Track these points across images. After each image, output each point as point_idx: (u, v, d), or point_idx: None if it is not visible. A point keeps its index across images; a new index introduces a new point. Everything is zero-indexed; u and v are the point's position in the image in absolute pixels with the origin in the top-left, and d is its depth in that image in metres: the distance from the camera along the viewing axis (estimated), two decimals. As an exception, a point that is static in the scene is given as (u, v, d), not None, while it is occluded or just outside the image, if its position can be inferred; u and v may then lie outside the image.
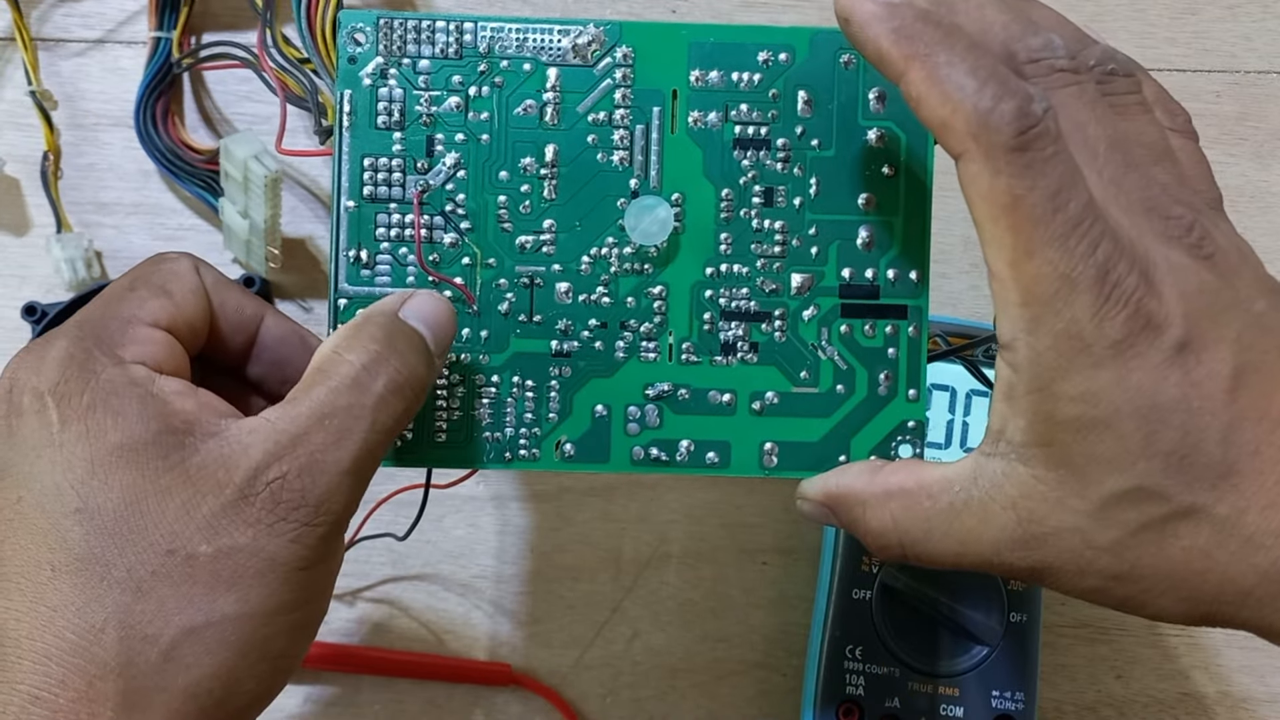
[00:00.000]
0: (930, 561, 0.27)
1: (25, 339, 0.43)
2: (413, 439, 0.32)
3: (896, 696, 0.42)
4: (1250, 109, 0.49)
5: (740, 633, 0.46)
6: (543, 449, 0.32)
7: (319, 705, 0.44)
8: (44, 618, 0.25)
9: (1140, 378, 0.24)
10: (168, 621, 0.25)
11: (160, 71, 0.44)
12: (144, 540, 0.25)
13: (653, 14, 0.48)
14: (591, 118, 0.32)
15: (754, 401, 0.32)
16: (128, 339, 0.27)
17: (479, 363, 0.32)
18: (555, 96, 0.31)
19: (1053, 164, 0.24)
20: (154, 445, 0.26)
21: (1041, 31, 0.27)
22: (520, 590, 0.46)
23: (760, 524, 0.46)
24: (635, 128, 0.31)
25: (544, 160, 0.31)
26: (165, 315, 0.28)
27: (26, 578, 0.25)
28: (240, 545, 0.25)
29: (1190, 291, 0.25)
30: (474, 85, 0.31)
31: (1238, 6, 0.49)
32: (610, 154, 0.32)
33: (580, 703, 0.45)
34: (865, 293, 0.32)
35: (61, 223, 0.45)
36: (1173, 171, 0.27)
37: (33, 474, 0.25)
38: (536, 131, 0.31)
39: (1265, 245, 0.48)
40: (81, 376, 0.26)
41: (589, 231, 0.32)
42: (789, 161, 0.32)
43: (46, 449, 0.26)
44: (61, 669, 0.24)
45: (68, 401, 0.26)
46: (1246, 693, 0.46)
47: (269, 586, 0.25)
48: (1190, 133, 0.29)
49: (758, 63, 0.31)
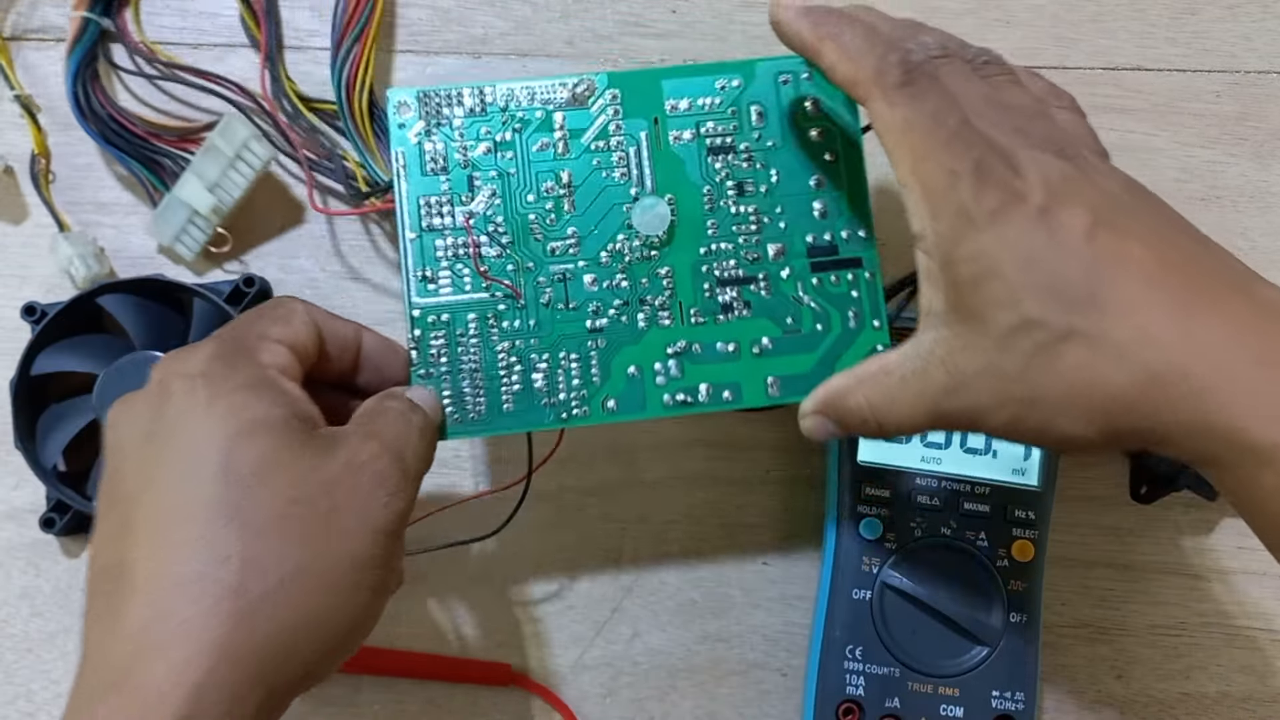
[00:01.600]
0: (898, 429, 0.33)
1: (25, 339, 0.43)
2: (485, 412, 0.38)
3: (896, 696, 0.42)
4: (1250, 109, 0.49)
5: (740, 633, 0.46)
6: (591, 407, 0.38)
7: (319, 705, 0.44)
8: (167, 554, 0.29)
9: (1013, 234, 0.30)
10: (283, 558, 0.30)
11: (90, 52, 0.45)
12: (273, 492, 0.30)
13: (653, 14, 0.48)
14: (594, 146, 0.39)
15: (753, 347, 0.39)
16: (261, 350, 0.33)
17: (531, 345, 0.38)
18: (563, 134, 0.39)
19: (932, 93, 0.32)
20: (286, 423, 0.31)
21: (924, 34, 0.35)
22: (520, 590, 0.46)
23: (760, 524, 0.46)
24: (629, 149, 0.39)
25: (561, 183, 0.39)
26: (287, 337, 0.34)
27: (160, 521, 0.30)
28: (349, 506, 0.31)
29: (1052, 176, 0.31)
30: (499, 133, 0.39)
31: (1238, 6, 0.49)
32: (612, 171, 0.39)
33: (580, 703, 0.45)
34: (827, 251, 0.39)
35: (61, 223, 0.45)
36: (1048, 124, 0.33)
37: (177, 438, 0.31)
38: (553, 162, 0.39)
39: (1265, 245, 0.48)
40: (227, 367, 0.32)
41: (604, 232, 0.39)
42: (752, 160, 0.39)
43: (192, 418, 0.31)
44: (171, 600, 0.29)
45: (215, 383, 0.31)
46: (1246, 693, 0.46)
47: (366, 540, 0.31)
48: (1076, 109, 0.35)
49: (716, 89, 0.40)
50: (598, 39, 0.48)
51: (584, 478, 0.46)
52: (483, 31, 0.48)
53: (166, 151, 0.45)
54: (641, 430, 0.46)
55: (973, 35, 0.48)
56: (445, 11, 0.48)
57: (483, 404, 0.38)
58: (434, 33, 0.48)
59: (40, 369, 0.43)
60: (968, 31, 0.48)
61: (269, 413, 0.31)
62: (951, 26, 0.48)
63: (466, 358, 0.38)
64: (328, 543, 0.31)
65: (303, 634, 0.30)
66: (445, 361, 0.38)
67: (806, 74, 0.39)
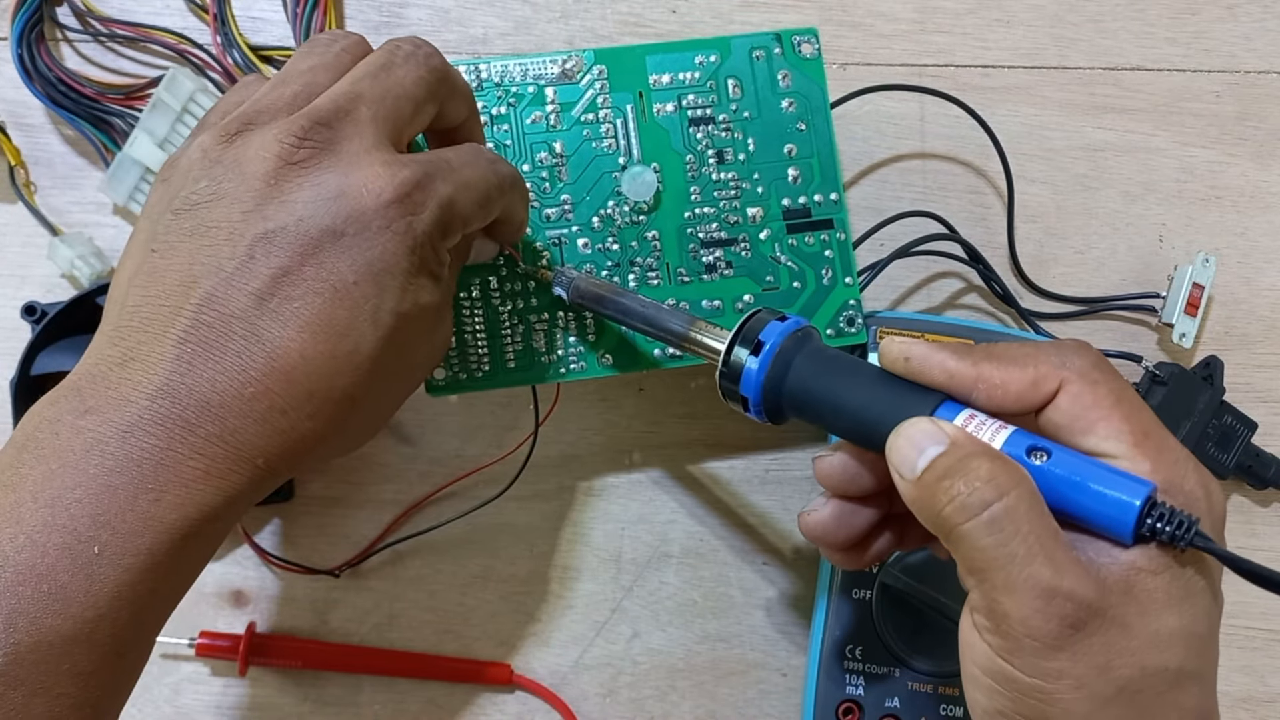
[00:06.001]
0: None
1: (25, 339, 0.43)
2: (490, 368, 0.40)
3: (896, 696, 0.42)
4: (1250, 109, 0.49)
5: (740, 633, 0.46)
6: (588, 361, 0.41)
7: (319, 705, 0.44)
8: (326, 369, 0.30)
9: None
10: (385, 409, 0.35)
11: (34, 15, 0.45)
12: (409, 364, 0.34)
13: (653, 14, 0.48)
14: (584, 118, 0.41)
15: (736, 304, 0.42)
16: (455, 236, 0.34)
17: (531, 305, 0.41)
18: (555, 108, 0.41)
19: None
20: (437, 312, 0.33)
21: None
22: (520, 590, 0.46)
23: (760, 524, 0.46)
24: (616, 121, 0.41)
25: (555, 153, 0.41)
26: (475, 230, 0.35)
27: (327, 336, 0.30)
28: (426, 370, 0.36)
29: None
30: (495, 107, 0.41)
31: (1238, 6, 0.49)
32: (602, 142, 0.41)
33: (580, 703, 0.45)
34: (801, 214, 0.42)
35: (53, 228, 0.45)
36: None
37: (379, 281, 0.31)
38: (546, 134, 0.41)
39: (1265, 245, 0.48)
40: (434, 246, 0.33)
41: (595, 199, 0.41)
42: (730, 130, 0.42)
43: (401, 278, 0.31)
44: (312, 399, 0.30)
45: (425, 260, 0.32)
46: (1246, 693, 0.46)
47: (416, 381, 0.36)
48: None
49: (695, 64, 0.42)
50: (598, 39, 0.48)
51: (584, 478, 0.46)
52: (483, 31, 0.48)
53: (116, 111, 0.45)
54: (641, 430, 0.46)
55: (973, 35, 0.49)
56: (445, 11, 0.48)
57: (487, 361, 0.40)
58: (434, 33, 0.48)
59: (40, 369, 0.43)
60: (968, 31, 0.49)
61: (433, 302, 0.33)
62: (952, 26, 0.48)
63: (471, 318, 0.40)
64: (398, 399, 0.35)
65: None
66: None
67: (778, 49, 0.42)
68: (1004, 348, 0.32)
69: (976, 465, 0.29)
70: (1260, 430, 0.46)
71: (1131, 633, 0.28)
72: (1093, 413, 0.30)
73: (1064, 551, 0.28)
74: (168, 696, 0.44)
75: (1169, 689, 0.29)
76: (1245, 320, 0.48)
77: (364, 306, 0.31)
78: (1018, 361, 0.31)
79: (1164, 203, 0.48)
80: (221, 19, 0.45)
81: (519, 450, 0.44)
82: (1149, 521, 0.28)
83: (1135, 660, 0.28)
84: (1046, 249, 0.48)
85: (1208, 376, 0.46)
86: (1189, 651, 0.29)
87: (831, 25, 0.48)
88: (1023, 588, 0.28)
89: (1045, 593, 0.28)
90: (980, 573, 0.29)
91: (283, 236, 0.30)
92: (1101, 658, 0.28)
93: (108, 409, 0.29)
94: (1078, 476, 0.29)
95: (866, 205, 0.47)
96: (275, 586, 0.45)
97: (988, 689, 0.29)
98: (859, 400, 0.32)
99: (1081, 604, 0.28)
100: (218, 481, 0.29)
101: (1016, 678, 0.28)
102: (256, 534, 0.44)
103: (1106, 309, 0.48)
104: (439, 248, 0.33)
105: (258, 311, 0.30)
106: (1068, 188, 0.48)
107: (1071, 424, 0.31)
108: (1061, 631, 0.28)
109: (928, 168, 0.48)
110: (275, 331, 0.30)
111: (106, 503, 0.28)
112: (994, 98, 0.48)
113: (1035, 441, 0.30)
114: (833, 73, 0.47)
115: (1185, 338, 0.46)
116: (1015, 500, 0.28)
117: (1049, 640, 0.28)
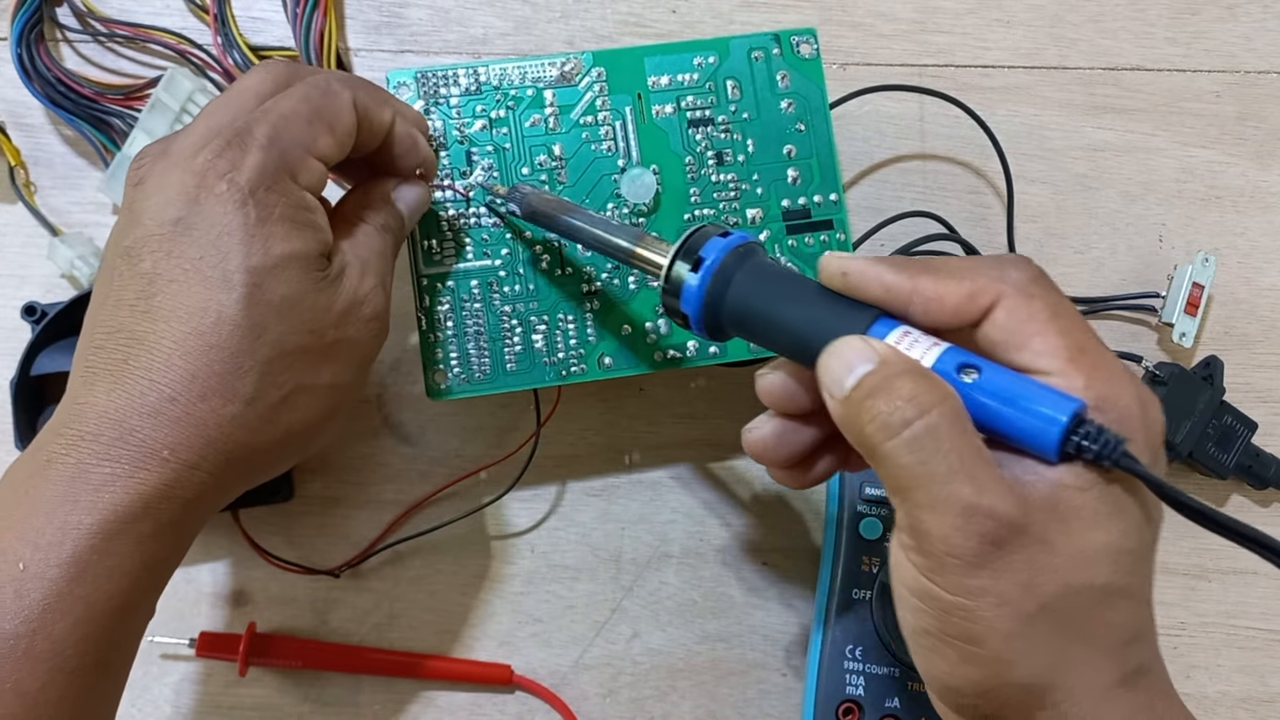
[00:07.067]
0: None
1: (25, 339, 0.43)
2: (490, 371, 0.41)
3: (896, 696, 0.42)
4: (1250, 109, 0.49)
5: (740, 633, 0.46)
6: (588, 364, 0.41)
7: (319, 705, 0.44)
8: (191, 348, 0.32)
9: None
10: (294, 376, 0.33)
11: (33, 15, 0.45)
12: (292, 323, 0.33)
13: (653, 14, 0.48)
14: (583, 121, 0.41)
15: None
16: (303, 169, 0.34)
17: (531, 308, 0.41)
18: (554, 110, 0.41)
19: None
20: (314, 262, 0.34)
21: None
22: (520, 590, 0.46)
23: (760, 524, 0.46)
24: (615, 123, 0.41)
25: (554, 156, 0.41)
26: (330, 151, 0.34)
27: (187, 315, 0.32)
28: (353, 338, 0.35)
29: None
30: (494, 110, 0.41)
31: (1238, 6, 0.49)
32: (601, 144, 0.41)
33: (580, 703, 0.45)
34: (800, 215, 0.42)
35: (53, 228, 0.45)
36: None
37: (219, 246, 0.32)
38: (545, 136, 0.41)
39: (1265, 245, 0.48)
40: (276, 190, 0.33)
41: (595, 201, 0.41)
42: (729, 131, 0.42)
43: (239, 235, 0.32)
44: (185, 389, 0.31)
45: (266, 207, 0.32)
46: (1246, 693, 0.46)
47: (358, 369, 0.36)
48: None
49: (694, 66, 0.42)
50: (597, 39, 0.48)
51: (584, 477, 0.46)
52: (483, 31, 0.48)
53: (115, 111, 0.45)
54: (641, 430, 0.46)
55: (973, 35, 0.49)
56: (445, 11, 0.48)
57: (487, 364, 0.41)
58: (434, 33, 0.48)
59: (40, 369, 0.43)
60: (968, 31, 0.49)
61: (303, 249, 0.33)
62: (951, 26, 0.48)
63: (471, 321, 0.40)
64: (329, 372, 0.34)
65: (291, 443, 0.34)
66: (451, 325, 0.40)
67: (777, 49, 0.42)
68: (942, 261, 0.31)
69: (900, 384, 0.28)
70: (1260, 430, 0.46)
71: (1055, 550, 0.28)
72: (1028, 327, 0.30)
73: (986, 469, 0.28)
74: (168, 696, 0.44)
75: (1096, 606, 0.28)
76: (1245, 320, 0.48)
77: (212, 276, 0.32)
78: (954, 275, 0.30)
79: (1164, 203, 0.48)
80: (222, 19, 0.45)
81: (520, 451, 0.44)
82: (1074, 439, 0.28)
83: (1059, 577, 0.28)
84: (1046, 249, 0.48)
85: (1208, 376, 0.46)
86: (1117, 568, 0.28)
87: (831, 25, 0.48)
88: (943, 505, 0.27)
89: (965, 510, 0.27)
90: (903, 491, 0.28)
91: (138, 246, 0.32)
92: (1024, 575, 0.28)
93: (42, 445, 0.32)
94: (1006, 394, 0.29)
95: (866, 206, 0.48)
96: (275, 586, 0.45)
97: (914, 608, 0.29)
98: (796, 317, 0.32)
99: (1003, 521, 0.27)
100: (126, 481, 0.31)
101: (940, 596, 0.28)
102: (257, 534, 0.44)
103: (1106, 309, 0.48)
104: (285, 189, 0.33)
105: (133, 318, 0.32)
106: (1067, 188, 0.48)
107: (1007, 339, 0.30)
108: (982, 549, 0.27)
109: (927, 168, 0.48)
110: (147, 328, 0.32)
111: (31, 521, 0.30)
112: (994, 98, 0.48)
113: (967, 359, 0.30)
114: (832, 73, 0.47)
115: (1185, 337, 0.46)
116: (937, 418, 0.28)
117: (970, 558, 0.27)
